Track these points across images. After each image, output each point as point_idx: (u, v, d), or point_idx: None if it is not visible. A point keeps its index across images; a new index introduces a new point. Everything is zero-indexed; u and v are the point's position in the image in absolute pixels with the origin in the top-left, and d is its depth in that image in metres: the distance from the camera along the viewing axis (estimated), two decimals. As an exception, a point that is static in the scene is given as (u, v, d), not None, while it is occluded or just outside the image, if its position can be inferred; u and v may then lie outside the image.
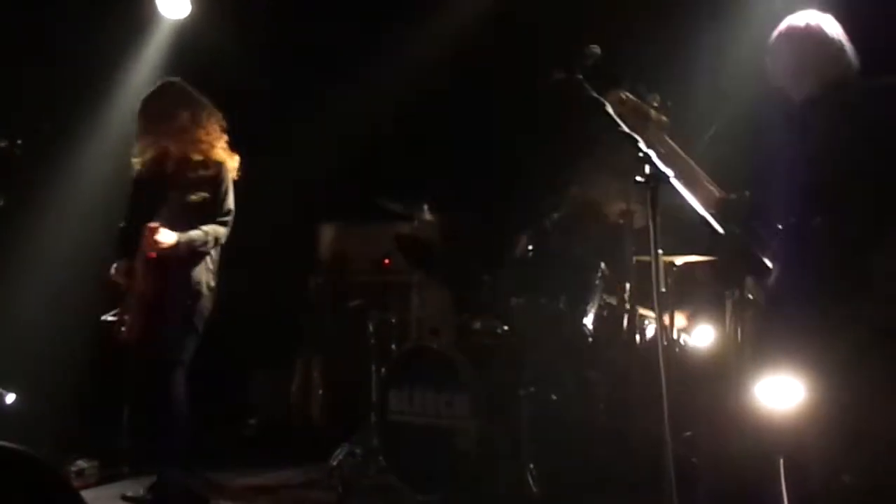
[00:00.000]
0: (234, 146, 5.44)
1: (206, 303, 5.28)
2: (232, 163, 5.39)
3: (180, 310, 5.17)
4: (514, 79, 6.55)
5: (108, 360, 5.51)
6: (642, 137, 4.10)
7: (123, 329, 5.16)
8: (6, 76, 6.16)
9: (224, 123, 5.43)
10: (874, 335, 4.19)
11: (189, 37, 6.86)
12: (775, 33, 4.34)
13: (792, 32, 4.35)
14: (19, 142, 5.03)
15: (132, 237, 5.18)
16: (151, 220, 5.08)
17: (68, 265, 6.28)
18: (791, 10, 4.30)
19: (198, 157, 5.28)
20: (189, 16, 6.72)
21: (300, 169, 7.10)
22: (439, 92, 7.09)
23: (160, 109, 5.30)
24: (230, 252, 5.47)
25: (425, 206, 6.08)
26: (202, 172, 5.27)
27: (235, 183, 5.41)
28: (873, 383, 4.11)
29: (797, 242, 4.02)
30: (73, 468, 5.59)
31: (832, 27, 4.30)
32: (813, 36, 4.29)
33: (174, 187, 5.23)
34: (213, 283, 5.33)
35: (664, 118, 4.12)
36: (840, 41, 4.27)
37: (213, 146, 5.33)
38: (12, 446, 3.78)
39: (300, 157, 7.13)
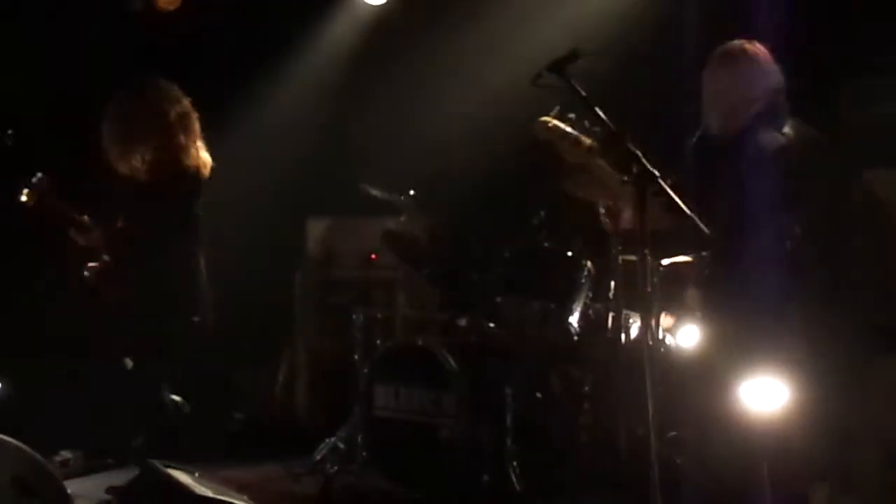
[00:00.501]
0: (220, 140, 5.41)
1: (173, 299, 5.24)
2: (207, 163, 5.35)
3: (138, 308, 5.16)
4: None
5: (95, 350, 5.52)
6: (572, 160, 4.14)
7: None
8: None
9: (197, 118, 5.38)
10: (861, 337, 4.24)
11: (175, 28, 6.84)
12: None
13: (711, 68, 4.40)
14: (9, 132, 5.01)
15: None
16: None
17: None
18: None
19: (183, 165, 5.21)
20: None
21: (287, 162, 7.10)
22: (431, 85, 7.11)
23: (147, 118, 5.20)
24: (216, 246, 5.44)
25: (411, 193, 6.10)
26: (182, 180, 5.22)
27: (219, 177, 5.37)
28: (859, 385, 4.15)
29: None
30: (58, 458, 5.58)
31: (753, 56, 4.33)
32: (730, 69, 4.33)
33: (155, 194, 5.19)
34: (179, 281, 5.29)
35: (593, 142, 4.14)
36: (759, 70, 4.30)
37: (196, 152, 5.28)
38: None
39: (287, 151, 7.13)
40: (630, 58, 5.86)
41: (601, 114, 4.04)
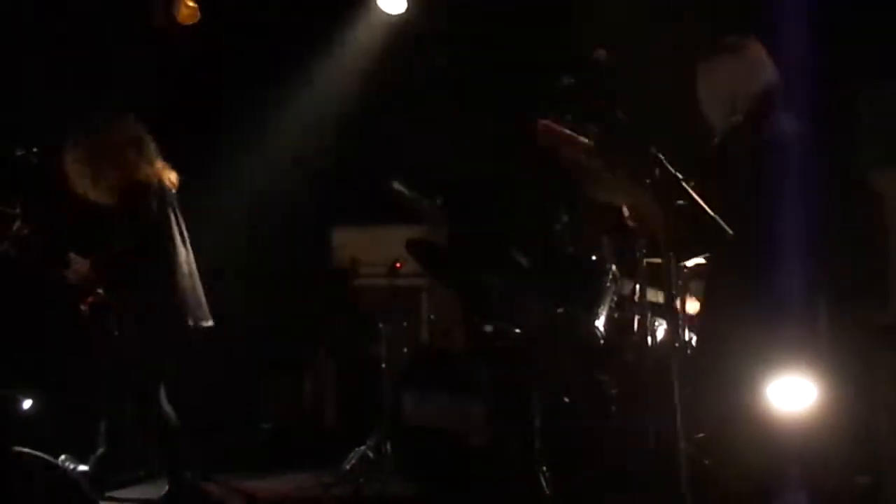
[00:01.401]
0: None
1: (168, 310, 5.28)
2: (171, 177, 5.41)
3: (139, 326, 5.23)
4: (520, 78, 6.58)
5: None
6: (571, 160, 4.15)
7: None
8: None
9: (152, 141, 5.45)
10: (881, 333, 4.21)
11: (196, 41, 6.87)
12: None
13: (709, 62, 4.37)
14: (35, 150, 5.07)
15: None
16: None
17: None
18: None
19: (144, 183, 5.28)
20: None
21: (311, 171, 7.13)
22: (447, 88, 7.13)
23: (107, 152, 5.30)
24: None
25: (439, 199, 6.11)
26: (146, 196, 5.28)
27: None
28: (884, 381, 4.13)
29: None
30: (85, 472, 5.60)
31: (749, 51, 4.31)
32: (727, 63, 4.31)
33: (124, 215, 5.26)
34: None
35: (589, 141, 4.15)
36: (755, 65, 4.28)
37: (153, 170, 5.35)
38: (30, 452, 3.82)
39: (310, 160, 7.15)
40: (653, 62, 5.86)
41: (622, 117, 4.04)
